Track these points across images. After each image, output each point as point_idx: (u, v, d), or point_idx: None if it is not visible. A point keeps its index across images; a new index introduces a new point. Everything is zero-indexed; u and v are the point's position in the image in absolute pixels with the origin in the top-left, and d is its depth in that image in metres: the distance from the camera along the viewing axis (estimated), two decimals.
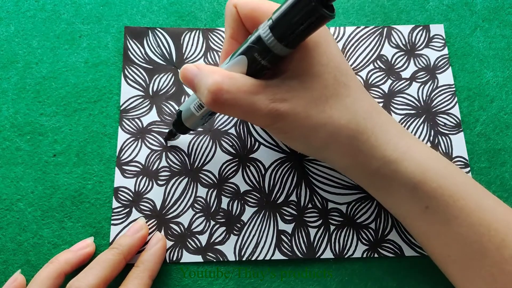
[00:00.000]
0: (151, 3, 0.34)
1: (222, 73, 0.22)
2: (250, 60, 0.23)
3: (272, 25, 0.21)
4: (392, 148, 0.24)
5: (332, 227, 0.29)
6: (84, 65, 0.32)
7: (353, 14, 0.34)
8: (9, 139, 0.30)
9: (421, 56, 0.33)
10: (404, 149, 0.24)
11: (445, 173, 0.24)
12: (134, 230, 0.28)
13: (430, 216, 0.23)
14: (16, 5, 0.33)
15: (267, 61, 0.22)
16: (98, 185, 0.30)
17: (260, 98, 0.22)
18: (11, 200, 0.29)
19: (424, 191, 0.23)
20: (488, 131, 0.32)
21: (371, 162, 0.24)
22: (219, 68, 0.23)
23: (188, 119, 0.27)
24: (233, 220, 0.29)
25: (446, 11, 0.35)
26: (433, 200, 0.23)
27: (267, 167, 0.30)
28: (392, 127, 0.25)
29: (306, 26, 0.20)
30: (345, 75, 0.24)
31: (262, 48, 0.22)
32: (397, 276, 0.28)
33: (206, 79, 0.22)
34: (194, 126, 0.28)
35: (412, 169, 0.23)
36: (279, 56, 0.22)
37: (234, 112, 0.23)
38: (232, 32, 0.25)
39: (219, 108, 0.22)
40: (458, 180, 0.24)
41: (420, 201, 0.24)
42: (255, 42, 0.22)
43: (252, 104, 0.22)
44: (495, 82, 0.33)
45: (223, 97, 0.22)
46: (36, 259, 0.28)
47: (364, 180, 0.26)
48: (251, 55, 0.22)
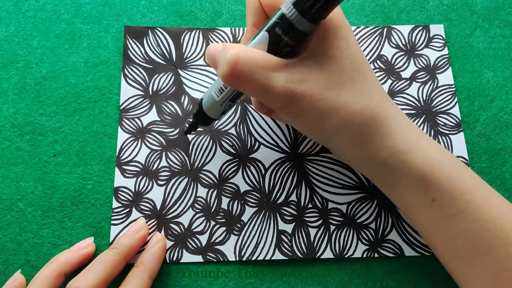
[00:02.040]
0: (151, 3, 0.34)
1: (242, 47, 0.22)
2: (273, 36, 0.22)
3: (295, 1, 0.21)
4: (402, 138, 0.24)
5: (332, 227, 0.29)
6: (84, 65, 0.32)
7: (353, 14, 0.34)
8: (9, 139, 0.30)
9: (421, 56, 0.33)
10: (413, 139, 0.24)
11: (453, 166, 0.24)
12: (134, 230, 0.28)
13: (437, 209, 0.23)
14: (16, 5, 0.33)
15: (289, 38, 0.22)
16: (98, 185, 0.30)
17: (277, 76, 0.22)
18: (11, 200, 0.29)
19: (432, 183, 0.23)
20: (488, 131, 0.32)
21: (381, 151, 0.24)
22: (241, 45, 0.23)
23: (209, 107, 0.27)
24: (233, 220, 0.29)
25: (446, 11, 0.35)
26: (441, 193, 0.23)
27: (267, 167, 0.30)
28: (402, 118, 0.25)
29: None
30: (361, 63, 0.24)
31: (285, 24, 0.22)
32: (397, 276, 0.28)
33: (226, 53, 0.22)
34: (215, 114, 0.27)
35: (421, 160, 0.23)
36: (301, 32, 0.22)
37: (250, 87, 0.22)
38: (254, 21, 0.25)
39: (236, 81, 0.22)
40: (466, 175, 0.24)
41: (428, 193, 0.23)
42: (278, 19, 0.22)
43: (268, 80, 0.22)
44: (495, 82, 0.33)
45: (239, 68, 0.22)
46: (36, 259, 0.28)
47: (372, 170, 0.26)
48: (274, 32, 0.22)
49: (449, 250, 0.24)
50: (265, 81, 0.22)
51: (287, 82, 0.22)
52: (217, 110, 0.27)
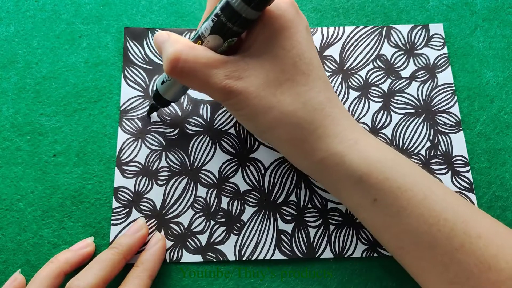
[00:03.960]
0: (151, 3, 0.34)
1: (185, 43, 0.23)
2: (218, 23, 0.23)
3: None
4: (339, 141, 0.24)
5: (332, 227, 0.29)
6: (84, 65, 0.32)
7: (353, 14, 0.34)
8: (9, 139, 0.30)
9: (421, 55, 0.33)
10: (351, 142, 0.24)
11: (392, 164, 0.24)
12: (133, 230, 0.28)
13: (379, 209, 0.23)
14: (16, 5, 0.33)
15: (233, 24, 0.22)
16: (98, 185, 0.30)
17: (217, 73, 0.23)
18: (11, 200, 0.29)
19: (370, 183, 0.23)
20: (488, 131, 0.32)
21: (315, 153, 0.24)
22: (185, 39, 0.24)
23: (164, 91, 0.28)
24: (233, 220, 0.29)
25: (446, 11, 0.35)
26: (381, 192, 0.23)
27: (267, 167, 0.30)
28: (344, 121, 0.25)
29: None
30: (307, 64, 0.24)
31: (229, 10, 0.22)
32: (397, 276, 0.28)
33: (169, 47, 0.23)
34: (170, 97, 0.28)
35: (357, 162, 0.23)
36: (245, 19, 0.22)
37: (191, 82, 0.24)
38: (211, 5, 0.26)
39: (177, 77, 0.23)
40: (407, 171, 0.24)
41: (368, 194, 0.23)
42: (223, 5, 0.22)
43: (207, 77, 0.23)
44: (495, 82, 0.33)
45: (180, 66, 0.23)
46: (36, 259, 0.28)
47: (308, 168, 0.26)
48: (219, 19, 0.23)
49: (398, 247, 0.24)
50: (205, 77, 0.23)
51: (226, 79, 0.23)
52: (171, 93, 0.28)
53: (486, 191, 0.30)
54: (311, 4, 0.35)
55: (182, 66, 0.23)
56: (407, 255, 0.24)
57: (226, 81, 0.23)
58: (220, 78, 0.23)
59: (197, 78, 0.23)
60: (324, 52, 0.33)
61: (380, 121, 0.32)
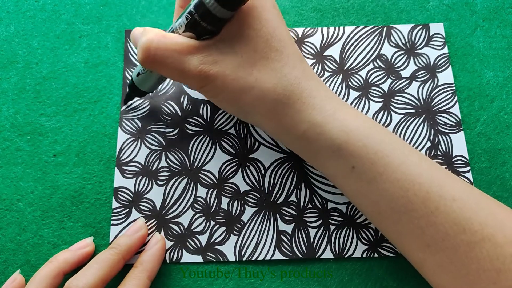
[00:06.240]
0: (151, 3, 0.34)
1: (157, 33, 0.23)
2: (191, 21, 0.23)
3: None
4: (318, 112, 0.24)
5: (332, 227, 0.29)
6: (84, 66, 0.32)
7: (353, 14, 0.34)
8: (9, 139, 0.30)
9: (421, 55, 0.33)
10: (330, 112, 0.24)
11: (370, 132, 0.24)
12: (133, 230, 0.28)
13: (357, 175, 0.24)
14: (16, 5, 0.33)
15: (207, 23, 0.23)
16: (98, 185, 0.30)
17: (191, 58, 0.23)
18: (11, 200, 0.29)
19: (349, 151, 0.24)
20: (489, 131, 0.32)
21: (297, 126, 0.24)
22: (158, 29, 0.24)
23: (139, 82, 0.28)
24: (233, 220, 0.29)
25: (446, 11, 0.35)
26: (358, 159, 0.23)
27: (267, 167, 0.30)
28: (321, 92, 0.25)
29: None
30: (279, 41, 0.24)
31: (203, 10, 0.22)
32: (397, 276, 0.28)
33: (142, 37, 0.23)
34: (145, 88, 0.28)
35: (336, 131, 0.24)
36: (219, 18, 0.22)
37: (165, 70, 0.24)
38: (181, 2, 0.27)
39: (151, 66, 0.24)
40: (384, 138, 0.24)
41: (346, 161, 0.24)
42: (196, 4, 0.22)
43: (181, 64, 0.23)
44: (495, 82, 0.33)
45: (152, 54, 0.23)
46: (35, 259, 0.28)
47: (292, 143, 0.26)
48: (192, 17, 0.23)
49: (375, 213, 0.24)
50: (179, 64, 0.23)
51: (201, 64, 0.23)
52: (147, 85, 0.28)
53: (486, 191, 0.30)
54: (311, 4, 0.35)
55: (155, 54, 0.23)
56: (384, 220, 0.24)
57: (201, 66, 0.23)
58: (194, 64, 0.23)
59: (171, 65, 0.23)
60: (324, 52, 0.33)
61: (380, 121, 0.32)
